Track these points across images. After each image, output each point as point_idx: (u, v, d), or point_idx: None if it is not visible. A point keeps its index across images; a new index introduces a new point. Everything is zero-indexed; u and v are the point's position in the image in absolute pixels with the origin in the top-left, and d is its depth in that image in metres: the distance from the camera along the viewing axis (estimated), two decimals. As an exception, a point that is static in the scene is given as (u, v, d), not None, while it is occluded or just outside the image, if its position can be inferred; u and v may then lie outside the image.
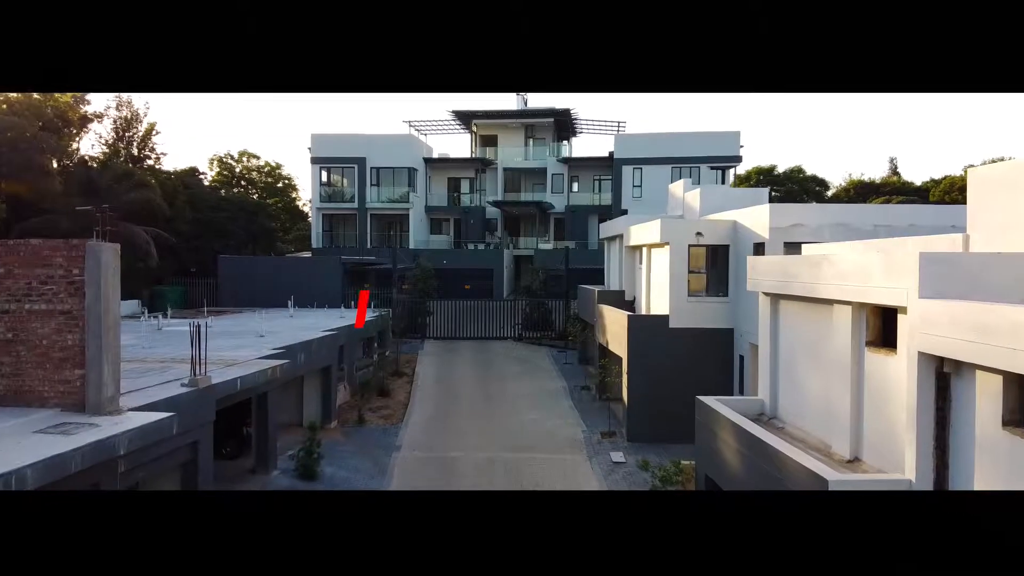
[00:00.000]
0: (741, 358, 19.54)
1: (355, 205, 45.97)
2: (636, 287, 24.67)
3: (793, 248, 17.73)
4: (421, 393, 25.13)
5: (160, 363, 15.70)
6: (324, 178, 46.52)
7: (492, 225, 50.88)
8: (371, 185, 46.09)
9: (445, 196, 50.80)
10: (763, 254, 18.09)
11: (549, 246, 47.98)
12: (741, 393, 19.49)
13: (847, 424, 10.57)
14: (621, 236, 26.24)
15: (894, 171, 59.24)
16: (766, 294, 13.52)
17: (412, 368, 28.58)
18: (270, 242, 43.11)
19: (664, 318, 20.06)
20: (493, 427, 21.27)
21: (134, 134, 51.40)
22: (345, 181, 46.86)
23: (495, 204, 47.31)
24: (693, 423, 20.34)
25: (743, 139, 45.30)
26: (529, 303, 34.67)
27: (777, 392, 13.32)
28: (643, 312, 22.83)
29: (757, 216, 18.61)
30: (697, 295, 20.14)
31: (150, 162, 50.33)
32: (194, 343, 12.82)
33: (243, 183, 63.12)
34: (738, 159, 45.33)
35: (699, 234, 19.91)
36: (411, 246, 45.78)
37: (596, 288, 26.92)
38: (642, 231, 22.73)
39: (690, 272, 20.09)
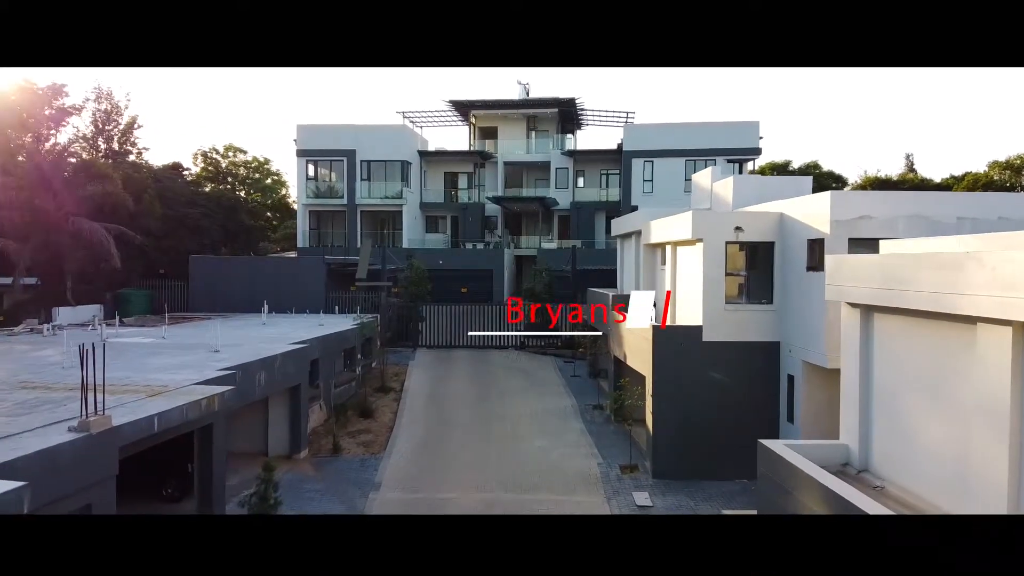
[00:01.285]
0: (790, 378, 16.21)
1: (344, 201, 42.65)
2: (658, 292, 21.33)
3: (860, 246, 14.46)
4: (409, 413, 21.80)
5: (68, 391, 12.40)
6: (311, 172, 43.21)
7: (492, 223, 47.56)
8: (361, 180, 42.76)
9: (441, 192, 47.48)
10: (822, 252, 14.79)
11: (553, 245, 44.67)
12: (790, 420, 16.18)
13: (1002, 492, 7.27)
14: (638, 233, 22.94)
15: (911, 167, 56.11)
16: (853, 305, 10.19)
17: (401, 382, 25.26)
18: (250, 241, 39.76)
19: (696, 330, 16.74)
20: (492, 458, 17.95)
21: (114, 127, 48.48)
22: (333, 175, 43.53)
23: (495, 200, 44.00)
24: (731, 456, 17.08)
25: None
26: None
27: (870, 437, 9.99)
28: (670, 321, 19.50)
29: (813, 207, 15.30)
30: (736, 302, 16.82)
31: (132, 157, 47.39)
32: (85, 367, 9.48)
33: (229, 179, 59.89)
34: (757, 151, 41.99)
35: (739, 229, 16.58)
36: (404, 245, 42.46)
37: (610, 292, 23.59)
38: (666, 227, 19.42)
39: (727, 274, 16.77)
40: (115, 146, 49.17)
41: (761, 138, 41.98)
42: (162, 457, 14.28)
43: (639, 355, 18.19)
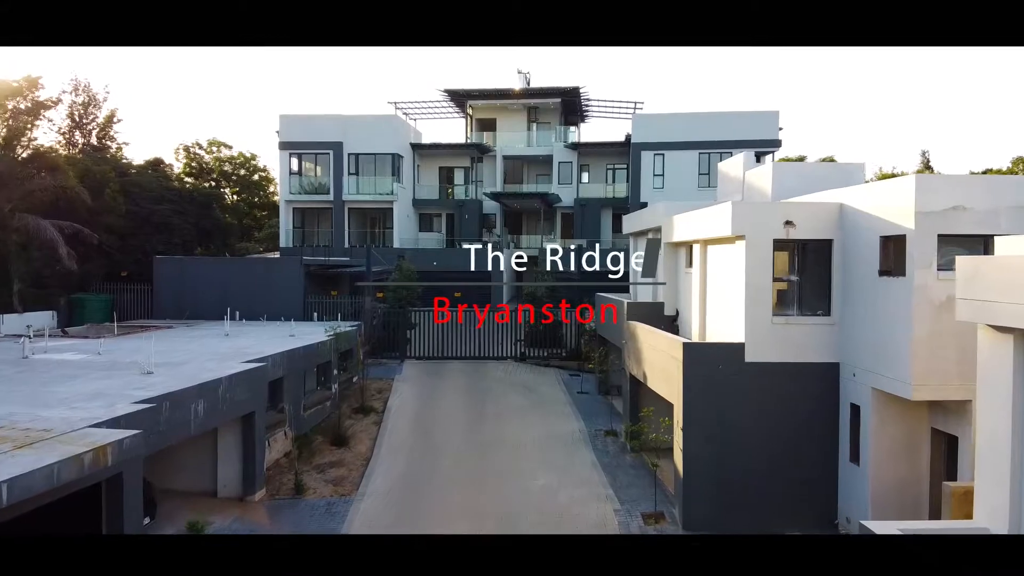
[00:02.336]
0: (854, 409, 13.07)
1: (330, 197, 39.54)
2: (681, 299, 18.21)
3: (951, 244, 11.35)
4: (391, 440, 18.67)
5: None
6: (295, 166, 40.10)
7: (490, 221, 44.45)
8: (349, 174, 39.66)
9: (436, 188, 44.38)
10: (900, 252, 11.69)
11: (555, 245, 41.49)
12: (854, 461, 13.05)
13: None
14: (657, 230, 19.82)
15: (926, 164, 53.22)
16: (1002, 329, 7.05)
17: (384, 400, 22.13)
18: (226, 240, 36.61)
19: (736, 348, 13.60)
20: (486, 501, 14.82)
21: (92, 120, 45.59)
22: (319, 170, 40.43)
23: (493, 196, 40.90)
24: (779, 503, 13.92)
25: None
26: (534, 315, 28.17)
27: (1032, 523, 6.85)
28: (695, 335, 16.37)
29: (888, 195, 12.18)
30: (785, 314, 13.68)
31: (111, 152, 44.46)
32: None
33: (213, 175, 56.87)
34: (777, 143, 38.86)
35: (789, 224, 13.44)
36: (395, 245, 39.37)
37: (624, 299, 20.42)
38: (694, 222, 16.29)
39: (775, 279, 13.63)
40: (93, 141, 46.41)
41: (781, 129, 38.86)
42: (72, 508, 11.24)
43: (664, 377, 15.05)
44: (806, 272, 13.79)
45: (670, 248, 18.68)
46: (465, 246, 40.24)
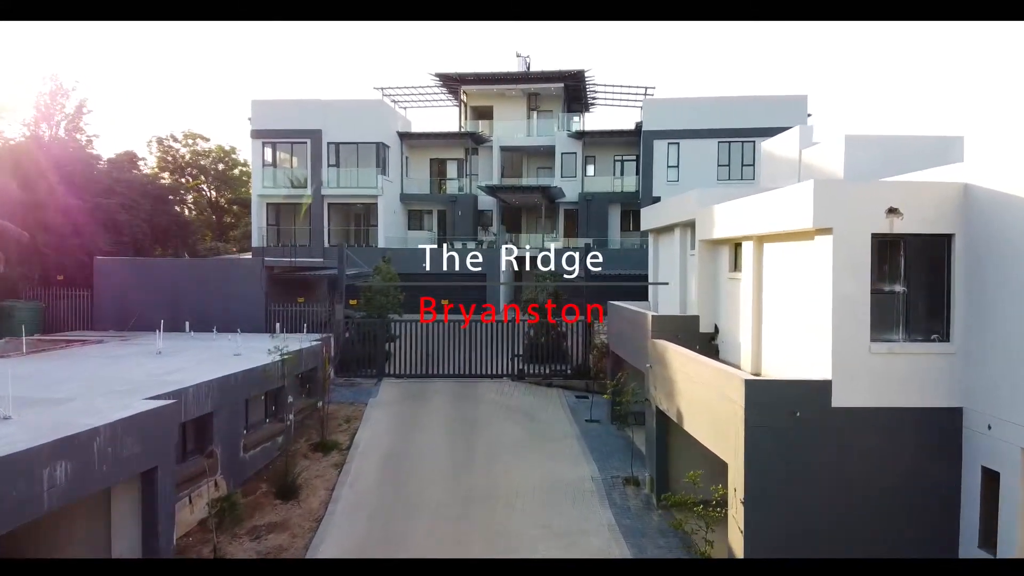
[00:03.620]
0: (988, 475, 9.15)
1: (308, 192, 35.64)
2: (723, 313, 14.27)
3: None
4: (352, 491, 14.74)
5: None
6: (268, 157, 36.22)
7: (486, 218, 40.57)
8: (329, 166, 35.80)
9: (427, 182, 40.52)
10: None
11: (559, 244, 37.60)
12: (986, 547, 9.14)
13: None
14: (687, 225, 15.93)
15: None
16: None
17: (352, 432, 18.22)
18: (185, 238, 32.64)
19: (819, 388, 9.67)
20: (468, 589, 10.85)
21: (59, 109, 41.88)
22: (295, 161, 36.54)
23: (490, 191, 36.97)
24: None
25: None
26: (534, 324, 24.28)
27: None
28: (746, 362, 12.46)
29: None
30: (888, 338, 9.74)
31: (80, 145, 40.73)
32: None
33: (190, 170, 53.12)
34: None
35: (893, 212, 9.52)
36: (380, 244, 35.49)
37: (647, 312, 16.46)
38: (745, 212, 12.36)
39: (874, 291, 9.71)
40: (61, 133, 42.70)
41: (809, 115, 34.93)
42: None
43: (709, 422, 11.11)
44: (914, 280, 9.86)
45: (706, 247, 14.74)
46: (458, 246, 36.39)
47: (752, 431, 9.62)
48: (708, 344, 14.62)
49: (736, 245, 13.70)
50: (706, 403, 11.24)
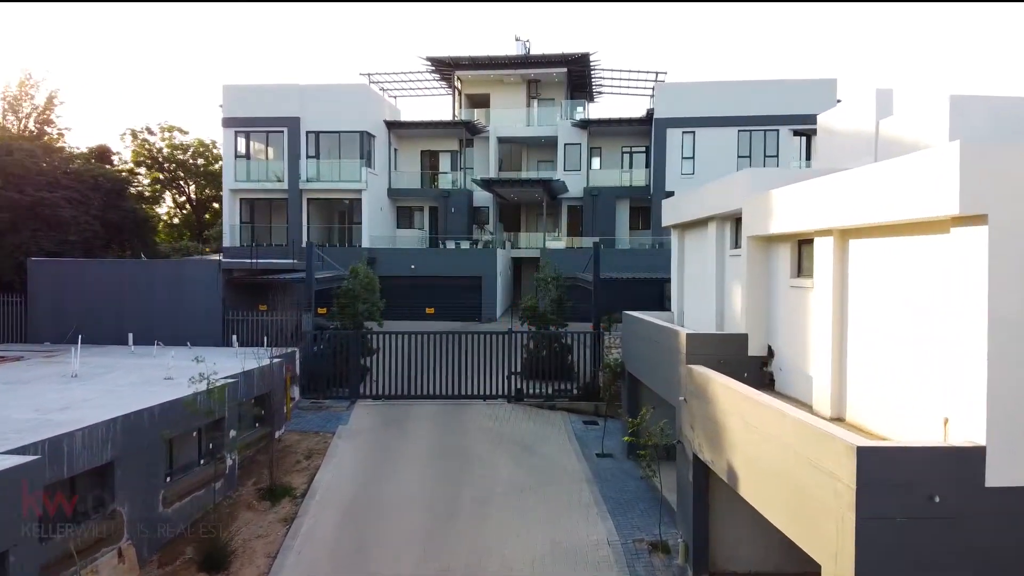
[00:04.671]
0: None
1: (285, 185, 32.35)
2: (782, 331, 10.92)
3: None
4: (297, 563, 11.41)
5: None
6: (241, 148, 32.91)
7: (482, 215, 37.27)
8: (308, 157, 32.49)
9: (417, 175, 37.21)
10: None
11: (561, 244, 34.37)
12: None
13: None
14: (729, 218, 12.63)
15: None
16: None
17: (311, 473, 14.91)
18: (143, 236, 29.31)
19: (969, 459, 6.32)
20: None
21: (23, 98, 38.94)
22: (271, 151, 33.24)
23: (485, 185, 33.64)
24: None
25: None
26: (535, 335, 20.97)
27: None
28: (823, 404, 9.13)
29: None
30: (1073, 382, 6.38)
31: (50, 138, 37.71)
32: None
33: (168, 165, 49.91)
34: (834, 118, 31.54)
35: (1084, 189, 6.17)
36: (365, 244, 32.19)
37: (677, 328, 13.08)
38: (822, 197, 9.02)
39: (1052, 310, 6.35)
40: (31, 126, 39.61)
41: (839, 101, 31.50)
42: None
43: (792, 503, 7.74)
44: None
45: (758, 246, 11.41)
46: (451, 245, 33.13)
47: (867, 525, 6.28)
48: (759, 371, 11.32)
49: (801, 243, 10.39)
50: (779, 468, 7.90)
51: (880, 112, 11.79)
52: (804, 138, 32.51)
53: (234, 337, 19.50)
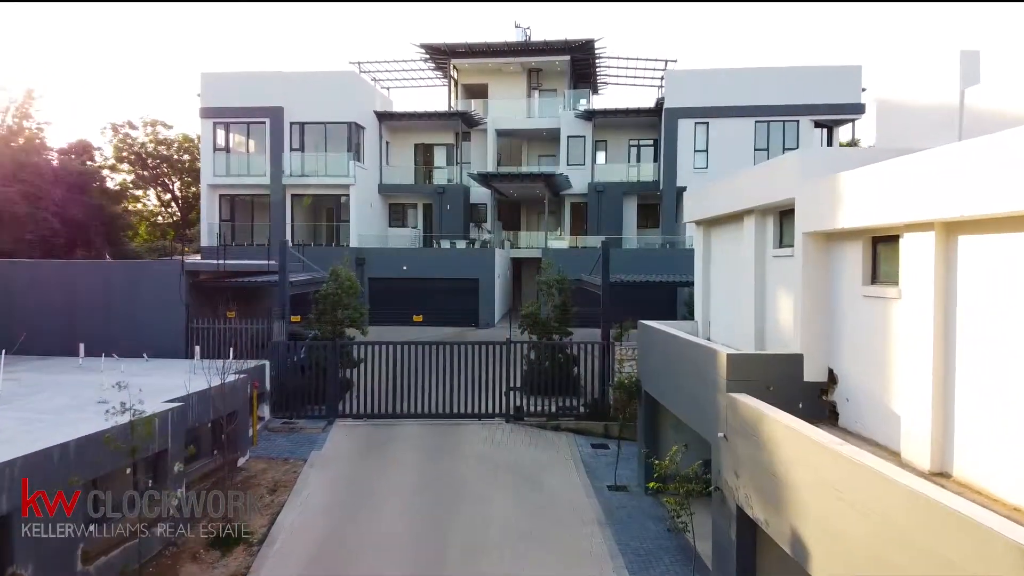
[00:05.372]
0: None
1: (266, 181, 30.13)
2: (846, 353, 8.66)
3: None
4: (247, 634, 9.17)
5: None
6: (220, 140, 30.68)
7: (479, 213, 35.07)
8: (292, 150, 30.27)
9: (411, 170, 34.99)
10: None
11: (564, 243, 32.15)
12: None
13: None
14: (772, 211, 10.40)
15: None
16: None
17: (274, 512, 12.67)
18: (112, 236, 27.00)
19: None
20: None
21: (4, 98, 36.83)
22: (253, 144, 31.02)
23: (483, 180, 31.41)
24: None
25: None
26: (537, 345, 18.72)
27: None
28: (920, 456, 6.88)
29: None
30: None
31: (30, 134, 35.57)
32: None
33: (151, 161, 47.69)
34: (859, 108, 29.39)
35: None
36: (353, 243, 29.98)
37: (713, 345, 10.80)
38: (919, 178, 6.75)
39: None
40: (9, 121, 37.42)
41: (864, 90, 29.36)
42: None
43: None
44: None
45: (817, 244, 9.16)
46: (446, 245, 30.93)
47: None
48: (816, 400, 9.09)
49: (877, 240, 8.16)
50: (880, 554, 5.64)
51: (965, 79, 9.55)
52: (825, 130, 30.29)
53: (196, 348, 17.27)
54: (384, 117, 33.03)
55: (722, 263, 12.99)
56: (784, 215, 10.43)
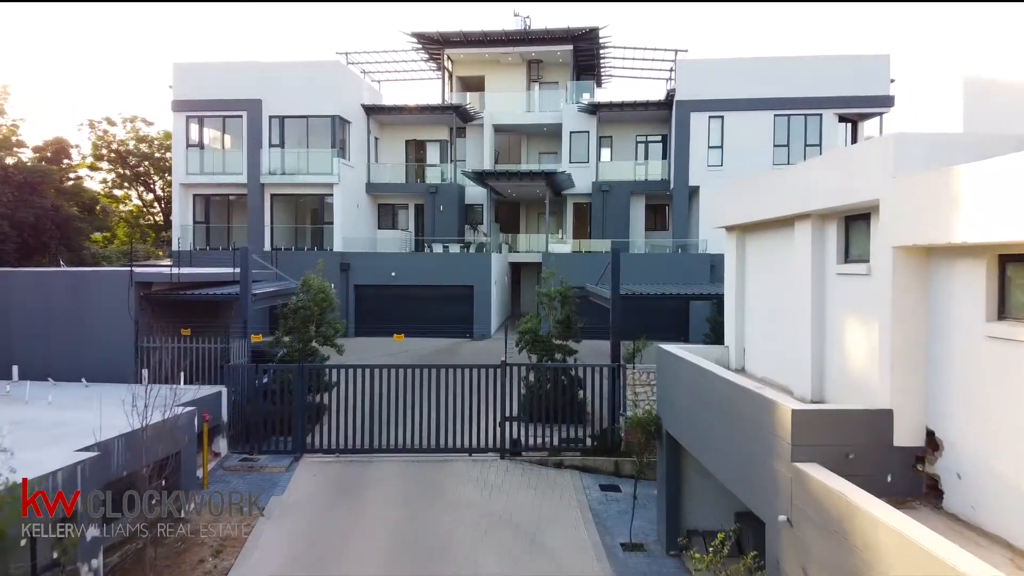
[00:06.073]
0: None
1: (243, 179, 27.83)
2: (957, 411, 6.32)
3: None
4: None
5: None
6: (194, 136, 28.37)
7: (475, 214, 32.76)
8: (271, 146, 27.97)
9: (401, 168, 32.67)
10: None
11: (566, 247, 29.84)
12: None
13: None
14: (836, 216, 8.06)
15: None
16: None
17: (219, 575, 10.37)
18: (68, 240, 24.67)
19: None
20: None
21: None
22: (228, 140, 28.71)
23: (479, 178, 29.07)
24: None
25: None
26: (537, 367, 16.35)
27: None
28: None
29: None
30: None
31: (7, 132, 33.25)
32: None
33: (132, 159, 45.43)
34: (888, 101, 27.06)
35: None
36: (338, 247, 27.67)
37: (775, 398, 8.42)
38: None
39: None
40: None
41: (892, 81, 27.05)
42: None
43: None
44: None
45: (915, 263, 6.82)
46: (439, 248, 28.62)
47: None
48: (909, 470, 6.77)
49: (1005, 259, 5.85)
50: None
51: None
52: (850, 124, 27.97)
53: (144, 372, 14.93)
54: (372, 111, 30.69)
55: (763, 279, 10.65)
56: (851, 221, 8.12)
